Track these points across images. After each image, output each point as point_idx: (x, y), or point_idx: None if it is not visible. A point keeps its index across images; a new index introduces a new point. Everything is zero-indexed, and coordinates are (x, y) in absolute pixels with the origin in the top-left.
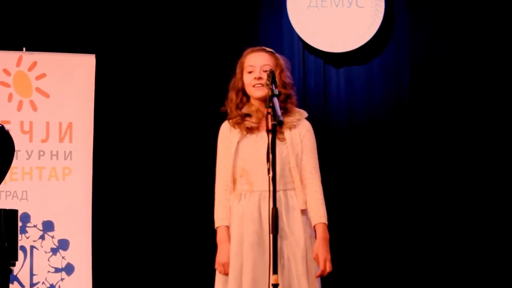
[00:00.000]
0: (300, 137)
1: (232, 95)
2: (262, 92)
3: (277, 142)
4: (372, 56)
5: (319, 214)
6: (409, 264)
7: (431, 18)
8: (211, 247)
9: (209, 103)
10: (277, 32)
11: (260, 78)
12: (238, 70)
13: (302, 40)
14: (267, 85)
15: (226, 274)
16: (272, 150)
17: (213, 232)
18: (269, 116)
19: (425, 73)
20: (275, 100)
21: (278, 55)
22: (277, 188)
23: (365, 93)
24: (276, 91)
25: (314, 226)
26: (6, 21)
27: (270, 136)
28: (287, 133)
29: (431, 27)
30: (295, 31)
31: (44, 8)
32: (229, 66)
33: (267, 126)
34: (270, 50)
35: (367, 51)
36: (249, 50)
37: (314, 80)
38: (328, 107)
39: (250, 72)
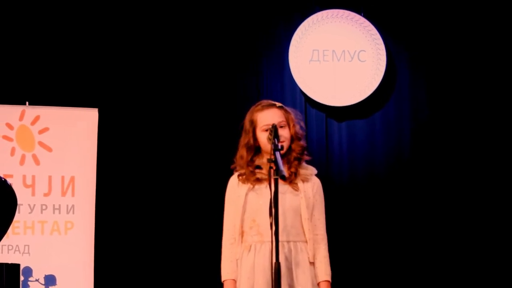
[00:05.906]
0: (312, 191)
1: (243, 152)
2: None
3: (291, 192)
4: (373, 110)
5: (325, 271)
6: None
7: (432, 73)
8: None
9: (212, 156)
10: (279, 86)
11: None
12: (248, 128)
13: (304, 94)
14: (270, 139)
15: None
16: (274, 204)
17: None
18: (272, 171)
19: (426, 128)
20: (278, 154)
21: (288, 109)
22: (287, 238)
23: (366, 147)
24: (278, 146)
25: (318, 283)
26: (9, 75)
27: (273, 189)
28: (300, 184)
29: (432, 82)
30: (297, 85)
31: (47, 62)
32: (231, 118)
33: (269, 181)
34: (280, 104)
35: (369, 105)
36: (258, 106)
37: (316, 133)
38: (330, 160)
39: (267, 130)
